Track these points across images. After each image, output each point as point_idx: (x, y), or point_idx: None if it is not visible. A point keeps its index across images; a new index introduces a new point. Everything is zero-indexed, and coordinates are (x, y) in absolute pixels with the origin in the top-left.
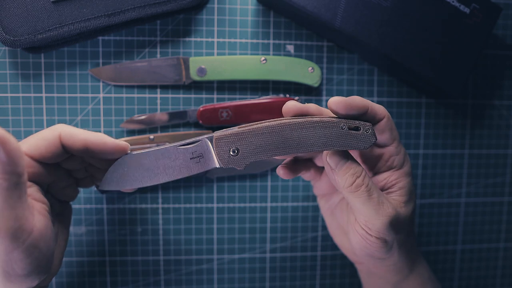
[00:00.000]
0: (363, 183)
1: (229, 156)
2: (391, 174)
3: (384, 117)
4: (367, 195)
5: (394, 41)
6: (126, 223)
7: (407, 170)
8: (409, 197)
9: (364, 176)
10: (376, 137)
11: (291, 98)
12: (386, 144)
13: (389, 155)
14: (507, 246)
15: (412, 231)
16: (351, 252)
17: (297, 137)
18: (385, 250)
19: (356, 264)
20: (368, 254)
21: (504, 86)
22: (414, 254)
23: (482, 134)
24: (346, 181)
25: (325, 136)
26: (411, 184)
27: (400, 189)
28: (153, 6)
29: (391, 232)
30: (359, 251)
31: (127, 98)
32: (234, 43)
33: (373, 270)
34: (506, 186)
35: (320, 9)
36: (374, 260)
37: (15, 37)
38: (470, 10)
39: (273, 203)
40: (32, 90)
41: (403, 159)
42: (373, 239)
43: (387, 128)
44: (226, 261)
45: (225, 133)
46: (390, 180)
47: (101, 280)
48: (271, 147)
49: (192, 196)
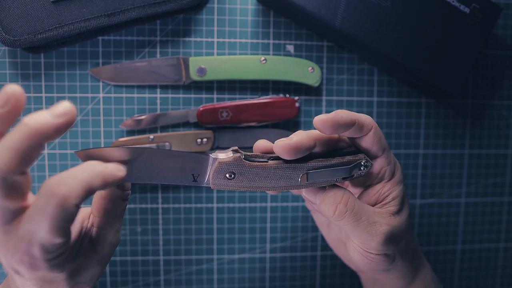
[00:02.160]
0: (347, 208)
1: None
2: (383, 186)
3: (372, 128)
4: (355, 220)
5: (394, 41)
6: (126, 223)
7: (398, 178)
8: (403, 205)
9: (347, 201)
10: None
11: (291, 98)
12: (377, 155)
13: (380, 167)
14: (507, 246)
15: (410, 235)
16: (353, 263)
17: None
18: (387, 262)
19: (359, 273)
20: (371, 268)
21: (504, 86)
22: (418, 257)
23: (482, 134)
24: (328, 211)
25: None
26: (404, 191)
27: (393, 199)
28: (153, 6)
29: (389, 246)
30: (363, 267)
31: (127, 98)
32: (234, 43)
33: (378, 277)
34: (506, 186)
35: (320, 9)
36: (379, 272)
37: (15, 37)
38: (470, 10)
39: (273, 203)
40: (32, 90)
41: (394, 168)
42: (373, 256)
43: (376, 139)
44: (226, 261)
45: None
46: (383, 192)
47: (101, 280)
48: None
49: (192, 196)
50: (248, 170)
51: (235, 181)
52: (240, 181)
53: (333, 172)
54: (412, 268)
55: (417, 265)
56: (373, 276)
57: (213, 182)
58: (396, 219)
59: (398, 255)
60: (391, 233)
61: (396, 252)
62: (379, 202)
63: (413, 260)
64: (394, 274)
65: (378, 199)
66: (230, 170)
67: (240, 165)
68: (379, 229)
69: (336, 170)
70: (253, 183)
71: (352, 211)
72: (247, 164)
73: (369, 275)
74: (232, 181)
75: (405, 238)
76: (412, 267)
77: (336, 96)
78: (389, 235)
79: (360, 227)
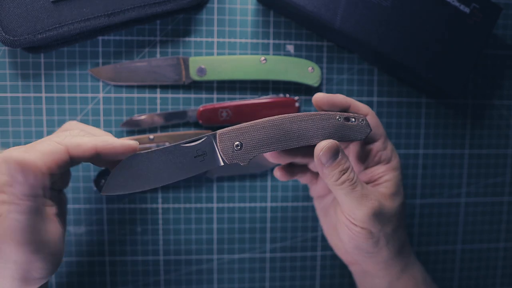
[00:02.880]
0: (348, 178)
1: (233, 151)
2: (378, 168)
3: (368, 115)
4: (350, 188)
5: (394, 41)
6: (126, 223)
7: (395, 164)
8: (396, 191)
9: (350, 172)
10: (370, 128)
11: (291, 98)
12: (374, 140)
13: (376, 150)
14: (507, 246)
15: (401, 227)
16: (344, 251)
17: (297, 129)
18: (371, 242)
19: (350, 266)
20: (356, 247)
21: (504, 86)
22: (406, 254)
23: (482, 134)
24: (333, 176)
25: (323, 128)
26: (399, 178)
27: (386, 182)
28: (152, 6)
29: (375, 223)
30: (348, 243)
31: (126, 98)
32: (234, 43)
33: (366, 269)
34: (506, 186)
35: (320, 9)
36: (364, 256)
37: (14, 37)
38: (470, 10)
39: (273, 203)
40: (32, 90)
41: (391, 154)
42: (358, 229)
43: (372, 125)
44: (226, 261)
45: (228, 129)
46: (377, 173)
47: (100, 280)
48: (272, 140)
49: (192, 196)
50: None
51: (244, 150)
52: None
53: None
54: (399, 262)
55: (405, 261)
56: (362, 269)
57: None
58: (388, 201)
59: (384, 239)
60: (379, 210)
61: (381, 235)
62: (373, 182)
63: (400, 254)
64: (379, 265)
65: (372, 178)
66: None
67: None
68: (370, 202)
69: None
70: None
71: (351, 181)
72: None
73: (359, 267)
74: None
75: (393, 224)
76: (398, 260)
77: None
78: (378, 211)
79: (352, 194)
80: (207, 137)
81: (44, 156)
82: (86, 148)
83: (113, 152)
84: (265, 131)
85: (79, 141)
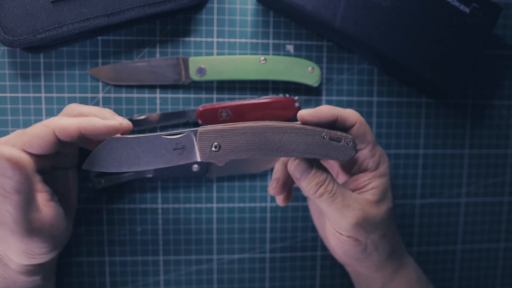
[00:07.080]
0: (326, 190)
1: (210, 151)
2: (364, 175)
3: (356, 123)
4: (330, 200)
5: (394, 41)
6: (126, 223)
7: (382, 171)
8: (382, 197)
9: (328, 184)
10: (356, 150)
11: (291, 98)
12: (360, 148)
13: (363, 158)
14: (507, 246)
15: (390, 231)
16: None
17: (278, 140)
18: (359, 249)
19: (346, 266)
20: (345, 254)
21: (504, 86)
22: (399, 256)
23: (482, 134)
24: (311, 189)
25: (306, 144)
26: (386, 184)
27: (372, 189)
28: (152, 6)
29: (360, 231)
30: (337, 250)
31: (126, 98)
32: (233, 43)
33: (359, 270)
34: (506, 186)
35: (319, 8)
36: (354, 261)
37: (14, 37)
38: (470, 10)
39: (273, 203)
40: (31, 90)
41: (379, 161)
42: (344, 237)
43: (360, 133)
44: (225, 261)
45: (209, 129)
46: (363, 180)
47: (100, 280)
48: (252, 147)
49: (192, 196)
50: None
51: (222, 152)
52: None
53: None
54: (390, 264)
55: (398, 263)
56: (356, 270)
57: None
58: (373, 208)
59: (372, 245)
60: (363, 218)
61: (368, 242)
62: (358, 189)
63: (391, 257)
64: (370, 268)
65: (358, 186)
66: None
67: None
68: (351, 212)
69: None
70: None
71: (330, 193)
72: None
73: (353, 268)
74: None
75: (381, 230)
76: (390, 262)
77: (336, 96)
78: (361, 220)
79: (333, 206)
80: (188, 133)
81: (31, 138)
82: (71, 129)
83: (96, 132)
84: (246, 137)
85: (64, 123)
